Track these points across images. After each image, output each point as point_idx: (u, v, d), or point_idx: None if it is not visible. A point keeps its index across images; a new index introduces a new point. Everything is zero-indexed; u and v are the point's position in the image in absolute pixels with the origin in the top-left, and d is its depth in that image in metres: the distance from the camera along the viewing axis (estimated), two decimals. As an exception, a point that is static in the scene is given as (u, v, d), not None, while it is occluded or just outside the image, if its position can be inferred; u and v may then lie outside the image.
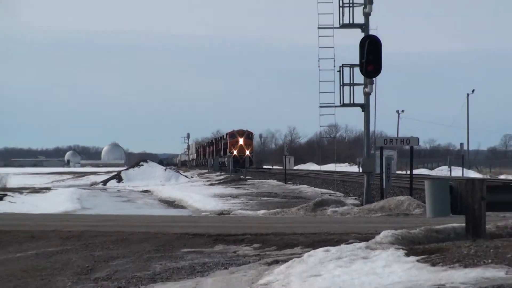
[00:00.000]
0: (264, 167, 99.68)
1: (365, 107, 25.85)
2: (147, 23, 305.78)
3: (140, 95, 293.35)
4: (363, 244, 10.40)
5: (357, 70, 25.45)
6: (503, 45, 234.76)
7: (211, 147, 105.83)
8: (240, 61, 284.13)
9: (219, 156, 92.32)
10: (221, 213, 26.92)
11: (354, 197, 31.09)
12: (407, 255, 9.27)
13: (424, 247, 9.85)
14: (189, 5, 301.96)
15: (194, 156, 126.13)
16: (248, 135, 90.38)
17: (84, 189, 56.02)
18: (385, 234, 11.12)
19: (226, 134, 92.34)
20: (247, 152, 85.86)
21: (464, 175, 54.26)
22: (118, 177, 68.67)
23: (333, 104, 26.31)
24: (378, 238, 11.00)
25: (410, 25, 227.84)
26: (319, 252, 10.05)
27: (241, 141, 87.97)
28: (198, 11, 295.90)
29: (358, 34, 25.51)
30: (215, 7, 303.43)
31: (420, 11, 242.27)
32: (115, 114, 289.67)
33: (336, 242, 11.34)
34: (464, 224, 11.70)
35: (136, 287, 9.41)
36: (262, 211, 26.58)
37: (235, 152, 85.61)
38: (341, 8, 25.59)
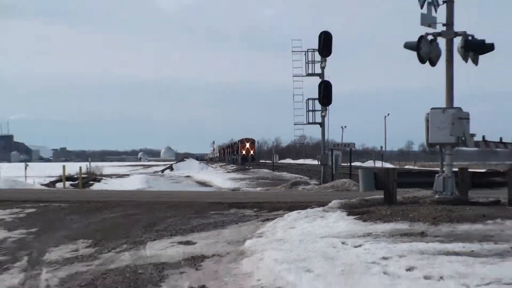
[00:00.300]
0: (260, 161, 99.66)
1: (322, 124, 26.00)
2: (191, 73, 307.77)
3: (184, 118, 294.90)
4: (321, 208, 10.37)
5: (317, 101, 25.83)
6: (408, 84, 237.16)
7: (228, 149, 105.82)
8: (247, 96, 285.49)
9: (233, 154, 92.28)
10: (233, 190, 26.90)
11: (315, 180, 31.04)
12: (348, 215, 9.25)
13: (358, 210, 9.83)
14: (210, 63, 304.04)
15: (217, 154, 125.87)
16: (252, 141, 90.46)
17: (150, 175, 55.83)
18: (334, 202, 11.09)
19: (238, 140, 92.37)
20: (251, 152, 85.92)
21: (383, 166, 54.20)
22: (170, 168, 68.48)
23: (302, 123, 26.69)
24: (330, 204, 10.96)
25: (352, 71, 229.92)
26: (294, 213, 10.03)
27: (247, 145, 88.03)
28: (223, 66, 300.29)
29: (318, 79, 25.78)
30: (234, 63, 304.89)
31: (359, 63, 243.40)
32: (169, 129, 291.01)
33: (304, 207, 11.29)
34: (383, 196, 11.69)
35: (181, 235, 9.37)
36: (259, 188, 26.57)
37: (243, 152, 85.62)
38: (307, 64, 26.25)
